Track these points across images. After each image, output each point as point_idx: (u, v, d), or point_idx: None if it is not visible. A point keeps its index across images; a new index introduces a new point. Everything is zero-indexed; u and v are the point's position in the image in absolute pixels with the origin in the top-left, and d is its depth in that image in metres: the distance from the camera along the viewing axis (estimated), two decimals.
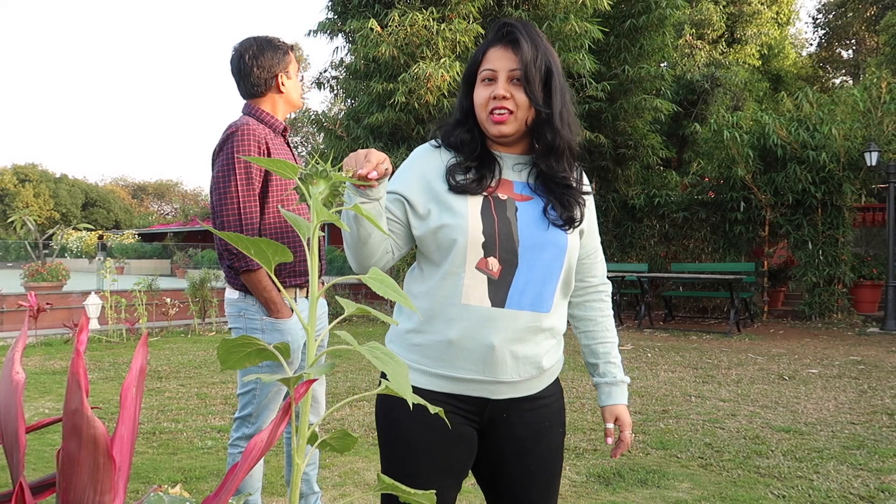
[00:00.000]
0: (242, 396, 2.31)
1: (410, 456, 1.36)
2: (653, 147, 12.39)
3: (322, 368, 0.93)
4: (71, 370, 0.75)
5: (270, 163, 0.95)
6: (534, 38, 1.35)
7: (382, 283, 0.99)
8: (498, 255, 1.31)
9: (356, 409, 4.71)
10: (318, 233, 0.96)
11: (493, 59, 1.35)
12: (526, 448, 1.40)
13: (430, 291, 1.35)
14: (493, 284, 1.31)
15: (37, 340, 7.93)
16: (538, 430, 1.41)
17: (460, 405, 1.36)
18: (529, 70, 1.32)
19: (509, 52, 1.34)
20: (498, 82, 1.34)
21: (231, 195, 2.19)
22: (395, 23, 9.47)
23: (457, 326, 1.31)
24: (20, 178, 44.09)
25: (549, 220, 1.36)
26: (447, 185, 1.35)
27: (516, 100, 1.34)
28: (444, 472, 1.37)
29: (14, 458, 0.80)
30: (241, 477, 0.81)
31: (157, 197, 58.58)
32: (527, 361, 1.34)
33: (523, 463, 1.41)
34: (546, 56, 1.35)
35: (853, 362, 6.60)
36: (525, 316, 1.32)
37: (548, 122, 1.36)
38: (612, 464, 3.48)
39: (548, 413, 1.42)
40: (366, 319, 10.41)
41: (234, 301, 2.28)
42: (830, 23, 25.02)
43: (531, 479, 1.42)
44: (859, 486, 3.14)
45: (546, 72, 1.35)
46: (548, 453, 1.43)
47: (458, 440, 1.37)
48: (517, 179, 1.40)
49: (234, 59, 2.34)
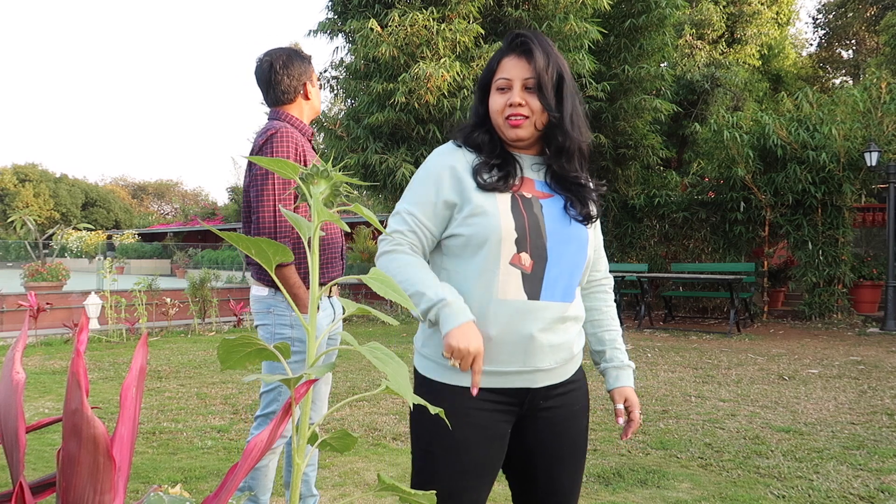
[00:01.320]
0: (266, 395, 2.35)
1: (450, 453, 1.39)
2: (653, 147, 12.39)
3: (322, 369, 0.93)
4: (71, 370, 0.75)
5: (271, 163, 0.95)
6: (545, 47, 1.43)
7: (383, 283, 0.99)
8: (529, 250, 1.37)
9: (356, 409, 4.71)
10: (318, 233, 0.96)
11: (508, 69, 1.43)
12: (559, 432, 1.47)
13: (463, 289, 1.39)
14: (526, 278, 1.37)
15: (37, 340, 7.93)
16: (571, 413, 1.49)
17: (501, 399, 1.41)
18: (542, 78, 1.41)
19: (523, 61, 1.42)
20: (513, 90, 1.42)
21: (268, 196, 2.26)
22: (395, 23, 9.46)
23: (495, 322, 1.37)
24: (20, 178, 44.09)
25: (570, 216, 1.44)
26: (475, 184, 1.41)
27: (531, 106, 1.42)
28: (481, 470, 1.41)
29: (14, 458, 0.80)
30: (242, 477, 0.81)
31: (157, 197, 58.59)
32: (561, 348, 1.42)
33: (556, 446, 1.47)
34: (557, 64, 1.44)
35: (853, 362, 6.60)
36: (556, 306, 1.40)
37: (559, 125, 1.43)
38: (612, 464, 3.48)
39: (579, 396, 1.52)
40: (366, 319, 10.41)
41: (264, 298, 2.33)
42: (830, 23, 25.02)
43: (562, 462, 1.48)
44: (859, 486, 3.14)
45: (558, 78, 1.43)
46: (577, 435, 1.51)
47: (496, 438, 1.42)
48: (536, 178, 1.48)
49: (264, 68, 2.43)
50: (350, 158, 10.32)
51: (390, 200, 11.17)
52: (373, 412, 4.61)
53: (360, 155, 10.36)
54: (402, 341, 8.22)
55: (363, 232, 17.48)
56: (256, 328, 2.38)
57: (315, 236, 0.95)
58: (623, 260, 12.14)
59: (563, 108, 1.43)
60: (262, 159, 0.95)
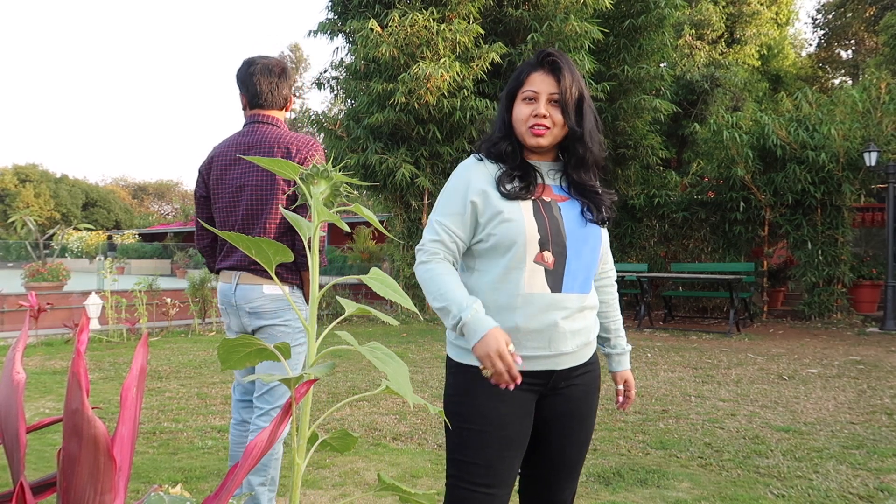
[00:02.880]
0: (277, 389, 2.41)
1: (485, 428, 1.56)
2: (652, 147, 12.39)
3: (322, 369, 0.93)
4: (71, 370, 0.75)
5: (271, 163, 0.96)
6: (571, 68, 1.60)
7: (383, 283, 0.99)
8: (551, 248, 1.55)
9: (356, 409, 4.71)
10: (319, 232, 0.96)
11: (536, 82, 1.60)
12: (573, 408, 1.65)
13: (492, 285, 1.56)
14: (549, 274, 1.55)
15: (37, 340, 7.93)
16: (586, 392, 1.66)
17: (530, 380, 1.57)
18: (566, 95, 1.57)
19: (550, 77, 1.59)
20: (539, 102, 1.59)
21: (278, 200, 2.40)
22: (395, 23, 9.47)
23: (521, 313, 1.54)
24: (21, 178, 44.08)
25: (586, 218, 1.62)
26: (499, 194, 1.57)
27: (553, 118, 1.58)
28: (516, 443, 1.59)
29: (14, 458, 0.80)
30: (242, 477, 0.82)
31: (157, 197, 58.59)
32: (580, 334, 1.60)
33: (570, 421, 1.65)
34: (579, 83, 1.60)
35: (852, 362, 6.61)
36: (576, 297, 1.58)
37: (580, 139, 1.61)
38: (612, 463, 3.48)
39: (593, 377, 1.69)
40: (366, 319, 10.41)
41: (281, 296, 2.37)
42: (830, 23, 25.03)
43: (572, 435, 1.66)
44: (858, 485, 3.15)
45: (579, 97, 1.60)
46: (588, 412, 1.68)
47: (527, 414, 1.60)
48: (553, 183, 1.65)
49: (264, 71, 2.44)
50: (350, 158, 10.32)
51: (390, 200, 11.18)
52: (373, 412, 4.61)
53: (360, 155, 10.36)
54: (402, 341, 8.22)
55: (363, 232, 17.49)
56: (268, 327, 2.39)
57: (315, 236, 0.96)
58: (623, 260, 12.15)
59: (584, 123, 1.59)
60: (263, 159, 0.96)
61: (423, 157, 10.38)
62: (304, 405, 0.93)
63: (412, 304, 1.01)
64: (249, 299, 2.35)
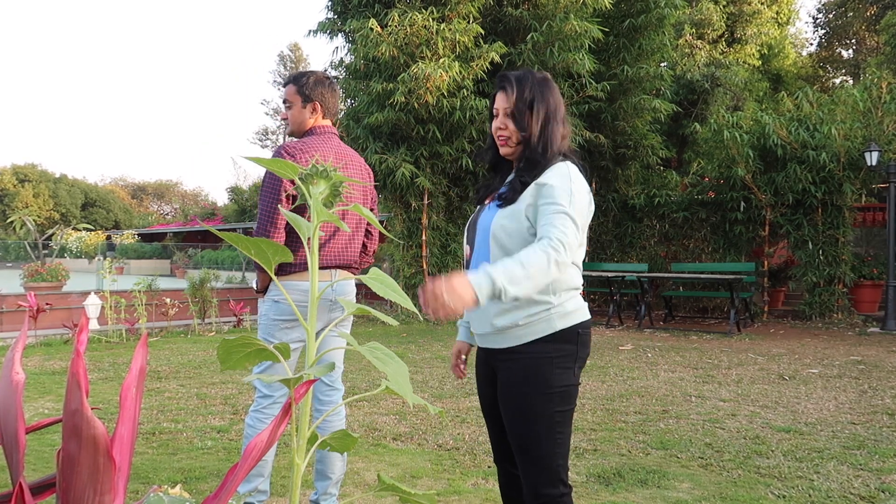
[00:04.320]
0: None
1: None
2: (652, 147, 12.38)
3: (322, 369, 0.93)
4: (71, 370, 0.75)
5: (271, 163, 0.96)
6: (522, 82, 1.81)
7: (382, 283, 0.99)
8: (469, 242, 1.97)
9: (356, 409, 4.71)
10: (318, 232, 0.96)
11: (497, 100, 1.87)
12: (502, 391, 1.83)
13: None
14: (468, 263, 1.91)
15: (36, 341, 7.93)
16: (508, 379, 1.81)
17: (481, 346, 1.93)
18: (517, 107, 1.81)
19: (503, 93, 1.85)
20: (498, 117, 1.85)
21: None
22: (395, 23, 9.46)
23: None
24: (20, 178, 44.09)
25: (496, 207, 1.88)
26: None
27: (509, 129, 1.83)
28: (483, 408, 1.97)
29: (14, 459, 0.80)
30: (242, 477, 0.81)
31: (156, 197, 58.60)
32: (486, 316, 1.80)
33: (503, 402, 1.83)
34: (532, 92, 1.81)
35: (853, 362, 6.60)
36: None
37: (527, 142, 1.82)
38: (612, 464, 3.48)
39: (520, 367, 1.78)
40: (366, 319, 10.40)
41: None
42: (830, 22, 25.02)
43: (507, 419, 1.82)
44: (860, 486, 3.14)
45: (530, 103, 1.80)
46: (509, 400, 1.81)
47: (483, 377, 1.94)
48: None
49: (331, 85, 2.73)
50: None
51: (390, 200, 11.17)
52: (373, 412, 4.61)
53: (360, 155, 10.34)
54: (402, 341, 8.22)
55: None
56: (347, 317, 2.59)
57: (315, 236, 0.95)
58: (623, 260, 12.14)
59: (532, 127, 1.80)
60: (263, 160, 0.95)
61: (423, 157, 10.38)
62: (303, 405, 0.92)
63: (412, 304, 1.01)
64: (346, 292, 2.66)
